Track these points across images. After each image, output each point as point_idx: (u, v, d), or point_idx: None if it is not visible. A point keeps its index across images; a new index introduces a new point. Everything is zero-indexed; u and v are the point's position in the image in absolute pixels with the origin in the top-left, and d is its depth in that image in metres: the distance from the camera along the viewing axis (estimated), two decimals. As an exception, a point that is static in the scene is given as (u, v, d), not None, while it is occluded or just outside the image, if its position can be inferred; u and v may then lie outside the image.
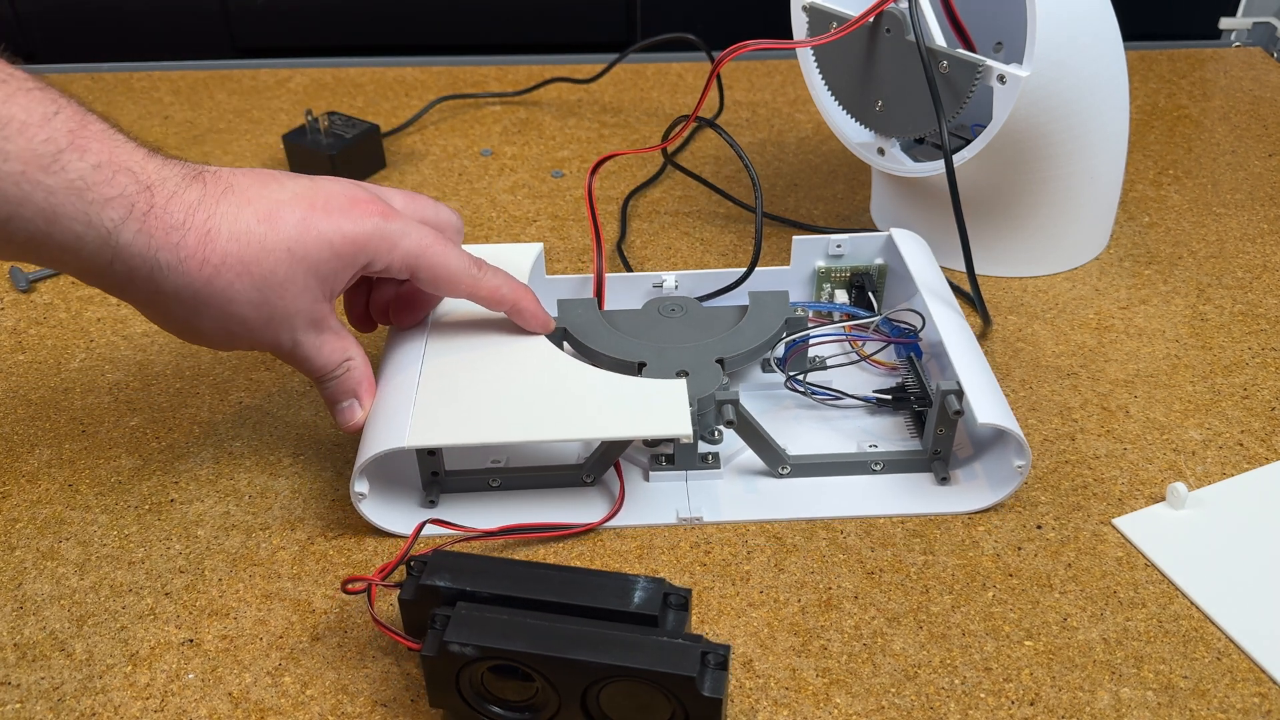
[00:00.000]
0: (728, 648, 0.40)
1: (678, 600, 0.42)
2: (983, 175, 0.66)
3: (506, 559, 0.46)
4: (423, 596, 0.44)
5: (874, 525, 0.53)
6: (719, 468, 0.56)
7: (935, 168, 0.66)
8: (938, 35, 0.63)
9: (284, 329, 0.48)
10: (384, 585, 0.45)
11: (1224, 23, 1.06)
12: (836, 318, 0.65)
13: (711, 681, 0.39)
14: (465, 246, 0.63)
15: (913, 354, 0.61)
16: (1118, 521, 0.53)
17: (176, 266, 0.44)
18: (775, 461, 0.55)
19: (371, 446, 0.50)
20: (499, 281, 0.52)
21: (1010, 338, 0.66)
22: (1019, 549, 0.52)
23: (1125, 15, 0.68)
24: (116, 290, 0.45)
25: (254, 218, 0.46)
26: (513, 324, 0.56)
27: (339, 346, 0.51)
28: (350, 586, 0.46)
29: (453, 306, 0.58)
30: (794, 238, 0.64)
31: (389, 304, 0.56)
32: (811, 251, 0.64)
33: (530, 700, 0.42)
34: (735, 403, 0.52)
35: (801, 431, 0.58)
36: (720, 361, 0.55)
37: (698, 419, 0.52)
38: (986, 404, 0.51)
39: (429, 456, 0.53)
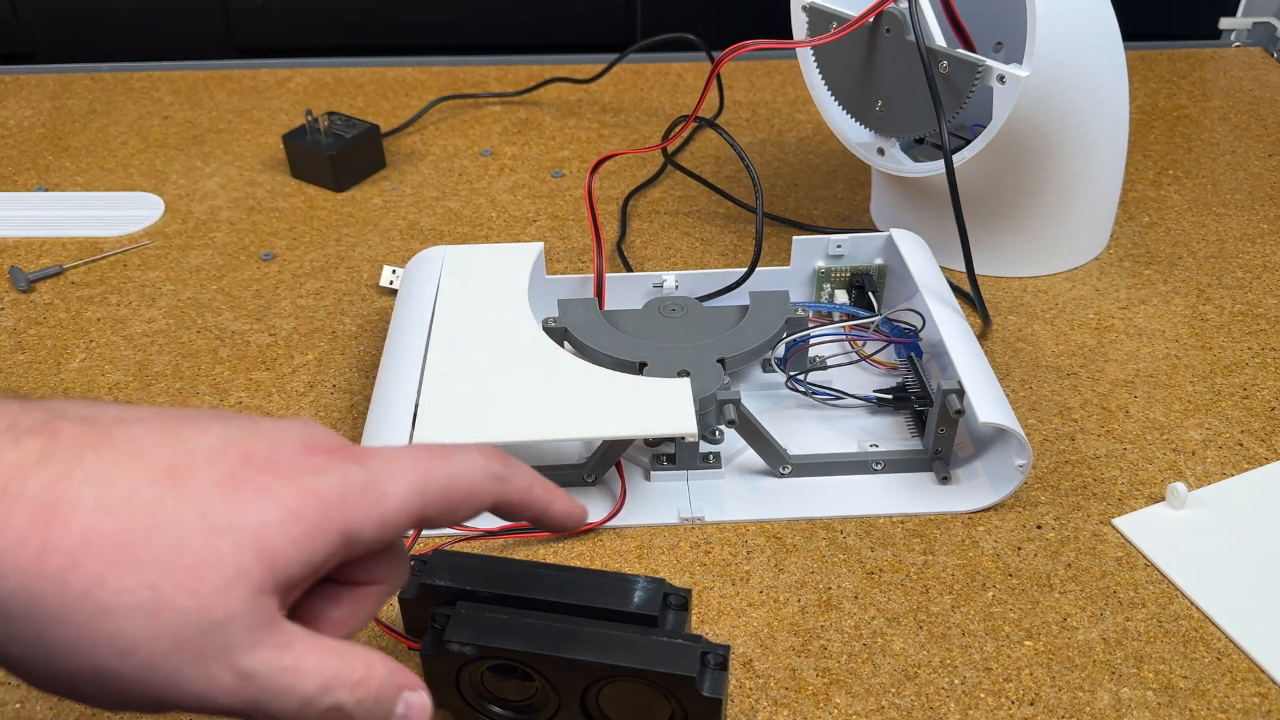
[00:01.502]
0: (727, 648, 0.40)
1: (677, 600, 0.42)
2: (983, 175, 0.66)
3: (507, 559, 0.46)
4: (423, 596, 0.44)
5: (874, 525, 0.53)
6: (720, 467, 0.56)
7: (935, 168, 0.66)
8: (938, 35, 0.63)
9: (211, 655, 0.27)
10: None
11: (1224, 23, 1.06)
12: (837, 318, 0.65)
13: (711, 682, 0.39)
14: (463, 247, 0.63)
15: (913, 354, 0.61)
16: (1118, 521, 0.53)
17: (45, 577, 0.26)
18: (776, 461, 0.55)
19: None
20: (529, 477, 0.35)
21: (1010, 338, 0.66)
22: (1019, 549, 0.52)
23: (1125, 15, 0.68)
24: None
25: (144, 476, 0.28)
26: (513, 323, 0.56)
27: (332, 659, 0.29)
28: None
29: (453, 305, 0.58)
30: (794, 238, 0.64)
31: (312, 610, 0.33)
32: (811, 251, 0.64)
33: (530, 700, 0.42)
34: (737, 402, 0.52)
35: (802, 431, 0.58)
36: (721, 361, 0.55)
37: (699, 418, 0.52)
38: (987, 403, 0.51)
39: (429, 456, 0.53)
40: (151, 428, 0.29)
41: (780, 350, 0.60)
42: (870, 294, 0.64)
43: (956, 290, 0.65)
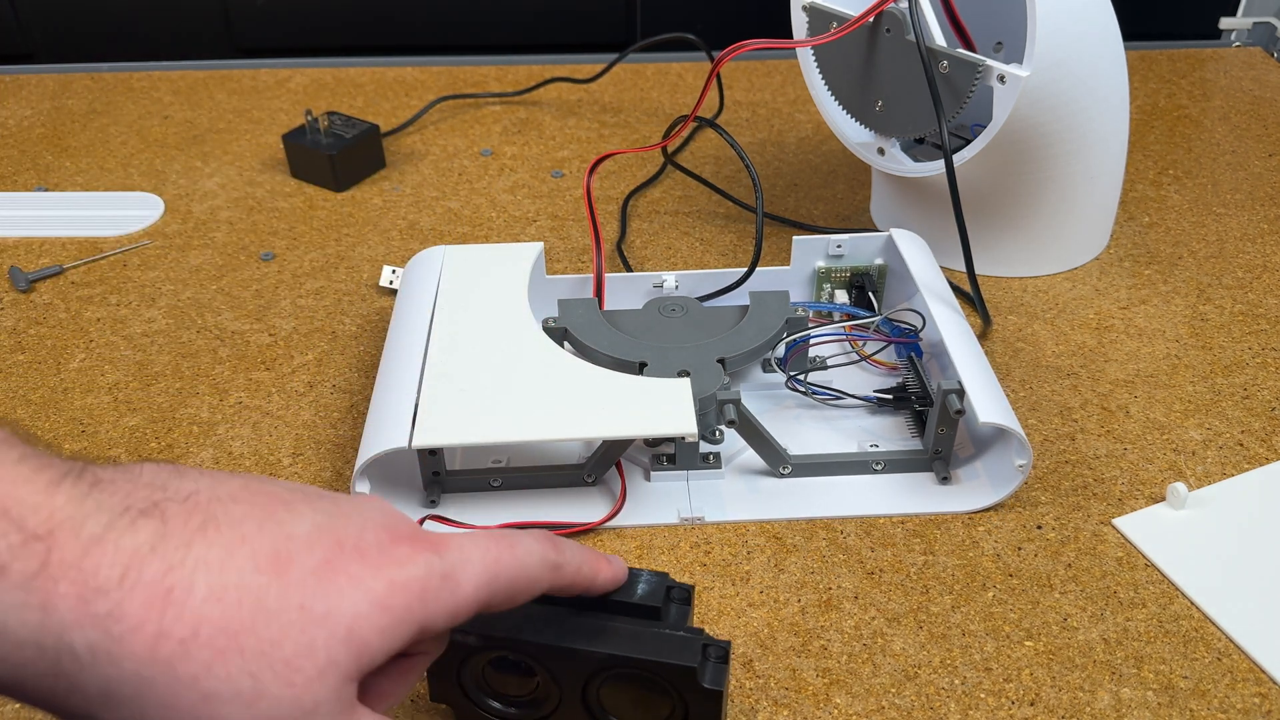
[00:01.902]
0: (729, 643, 0.40)
1: (680, 594, 0.42)
2: (983, 175, 0.66)
3: None
4: None
5: (874, 525, 0.53)
6: (720, 467, 0.56)
7: (935, 168, 0.66)
8: (938, 35, 0.63)
9: None
10: None
11: (1224, 23, 1.06)
12: (837, 318, 0.65)
13: (712, 674, 0.39)
14: (463, 247, 0.63)
15: (913, 354, 0.61)
16: (1118, 521, 0.53)
17: (107, 650, 0.28)
18: (776, 461, 0.55)
19: (372, 446, 0.50)
20: (578, 558, 0.38)
21: (1010, 338, 0.66)
22: (1019, 549, 0.52)
23: (1125, 15, 0.68)
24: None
25: (249, 563, 0.29)
26: (513, 323, 0.56)
27: None
28: None
29: (453, 305, 0.58)
30: (794, 238, 0.64)
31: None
32: (812, 251, 0.64)
33: (531, 694, 0.42)
34: (737, 402, 0.52)
35: (802, 431, 0.58)
36: (721, 361, 0.55)
37: (699, 418, 0.52)
38: (988, 403, 0.51)
39: (430, 456, 0.53)
40: (249, 509, 0.31)
41: (780, 350, 0.60)
42: (870, 294, 0.64)
43: (956, 290, 0.65)
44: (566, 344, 0.58)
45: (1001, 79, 0.61)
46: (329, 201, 0.82)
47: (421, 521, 0.49)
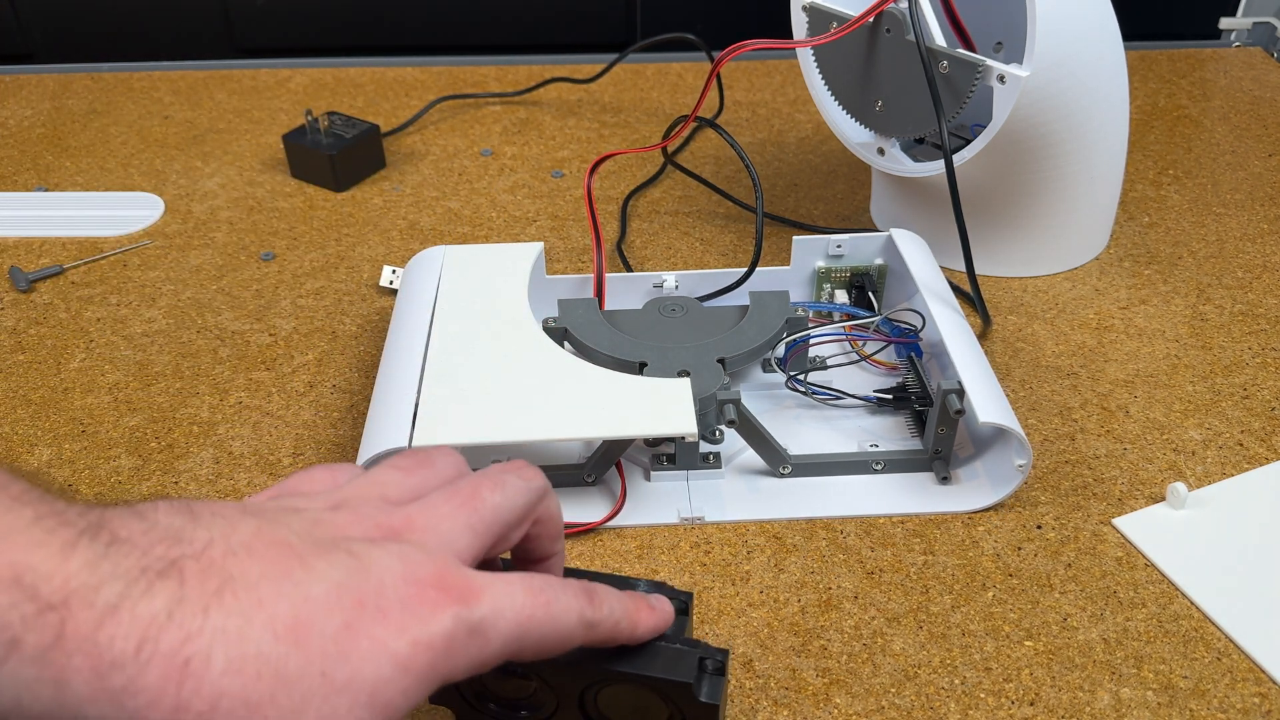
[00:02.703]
0: (726, 652, 0.40)
1: (678, 604, 0.42)
2: (983, 175, 0.66)
3: (507, 560, 0.46)
4: None
5: (874, 525, 0.53)
6: (720, 467, 0.56)
7: (935, 168, 0.66)
8: (938, 35, 0.63)
9: None
10: None
11: (1224, 23, 1.06)
12: (837, 318, 0.65)
13: (709, 687, 0.39)
14: (463, 247, 0.63)
15: (913, 354, 0.61)
16: (1118, 521, 0.53)
17: None
18: (776, 461, 0.55)
19: (372, 446, 0.50)
20: (616, 614, 0.37)
21: (1010, 338, 0.66)
22: (1019, 549, 0.52)
23: (1125, 15, 0.68)
24: None
25: (268, 632, 0.28)
26: (513, 323, 0.56)
27: None
28: None
29: (453, 305, 0.58)
30: (794, 238, 0.64)
31: None
32: (812, 251, 0.64)
33: (528, 699, 0.42)
34: (737, 402, 0.52)
35: (802, 431, 0.58)
36: (721, 361, 0.55)
37: (699, 418, 0.52)
38: (988, 403, 0.51)
39: (429, 456, 0.53)
40: (265, 567, 0.29)
41: (780, 350, 0.60)
42: (870, 294, 0.64)
43: (956, 290, 0.65)
44: (566, 344, 0.58)
45: (1001, 79, 0.61)
46: (329, 201, 0.82)
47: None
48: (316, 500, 0.34)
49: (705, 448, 0.56)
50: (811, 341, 0.60)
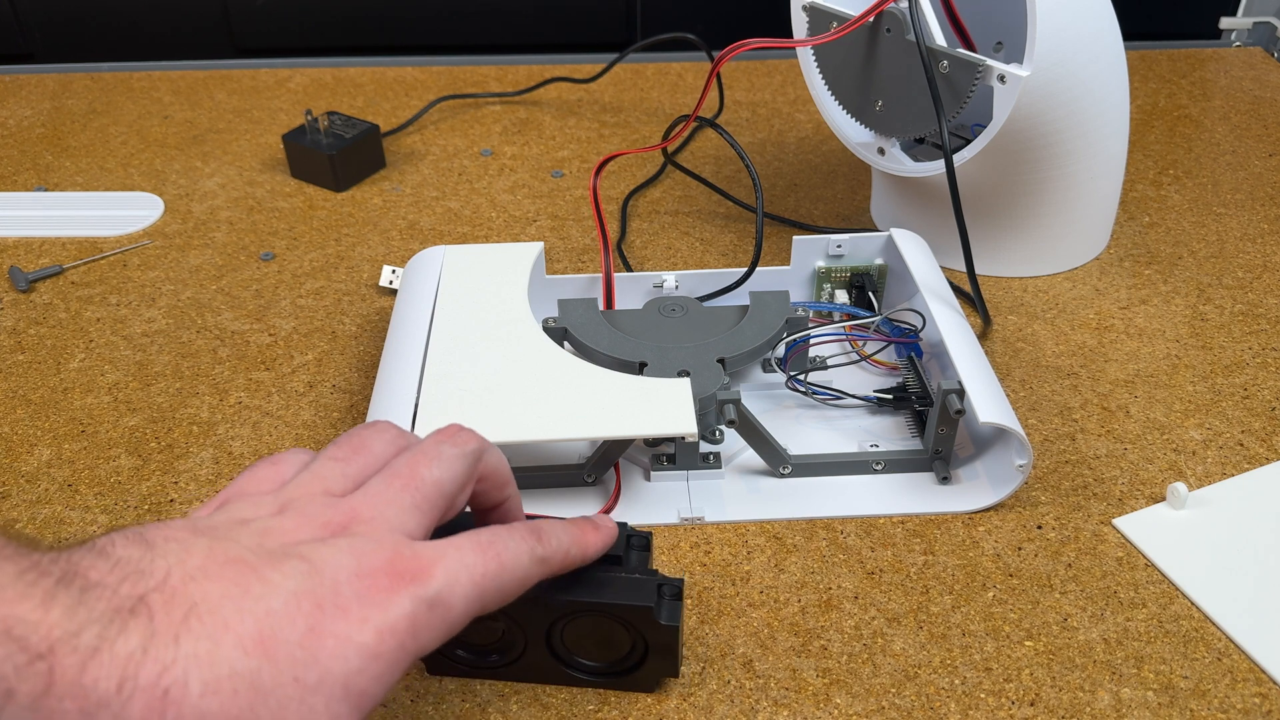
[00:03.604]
0: (681, 580, 0.42)
1: (639, 542, 0.44)
2: (983, 175, 0.66)
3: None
4: None
5: (874, 525, 0.53)
6: (720, 467, 0.56)
7: (935, 168, 0.66)
8: (938, 35, 0.63)
9: None
10: None
11: (1224, 23, 1.06)
12: (837, 318, 0.65)
13: (668, 610, 0.42)
14: (464, 247, 0.63)
15: (913, 354, 0.61)
16: (1118, 521, 0.53)
17: None
18: (776, 461, 0.55)
19: (372, 446, 0.50)
20: (564, 543, 0.39)
21: (1010, 338, 0.66)
22: (1019, 549, 0.52)
23: (1125, 15, 0.68)
24: None
25: (238, 650, 0.30)
26: (513, 323, 0.56)
27: None
28: None
29: (453, 304, 0.58)
30: (794, 238, 0.64)
31: None
32: (812, 251, 0.64)
33: (497, 642, 0.44)
34: (737, 402, 0.52)
35: (802, 431, 0.58)
36: (721, 361, 0.55)
37: (699, 418, 0.52)
38: (988, 403, 0.51)
39: (429, 456, 0.53)
40: (225, 587, 0.31)
41: (780, 350, 0.60)
42: (870, 294, 0.64)
43: (956, 290, 0.65)
44: (566, 344, 0.58)
45: (1001, 79, 0.61)
46: (329, 201, 0.82)
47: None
48: (263, 505, 0.35)
49: (705, 448, 0.56)
50: (811, 341, 0.60)
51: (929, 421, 0.54)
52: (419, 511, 0.35)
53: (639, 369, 0.55)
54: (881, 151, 0.70)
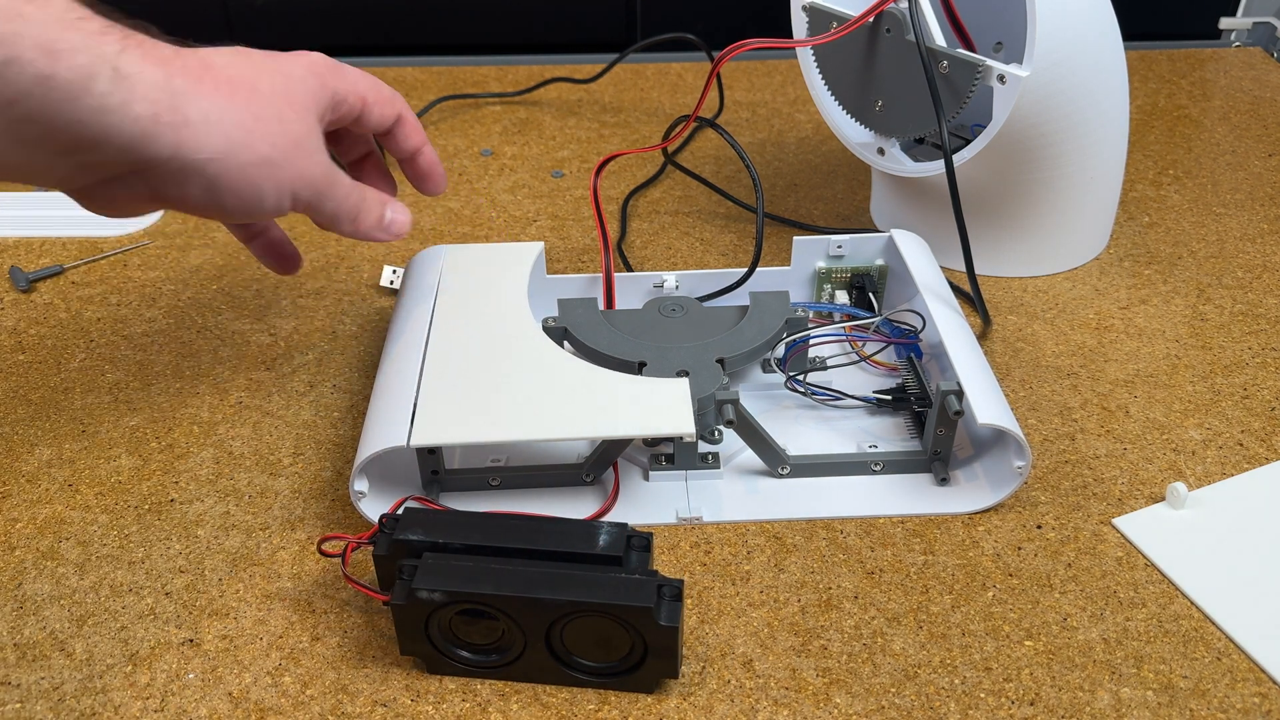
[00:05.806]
0: (681, 581, 0.43)
1: (639, 543, 0.44)
2: (983, 175, 0.66)
3: (476, 512, 0.47)
4: (396, 552, 0.45)
5: (874, 525, 0.53)
6: (719, 467, 0.56)
7: (935, 168, 0.66)
8: (938, 35, 0.63)
9: (314, 149, 0.46)
10: (363, 543, 0.46)
11: (1224, 23, 1.06)
12: (837, 318, 0.65)
13: (667, 611, 0.42)
14: (464, 247, 0.64)
15: (913, 354, 0.61)
16: (1118, 521, 0.53)
17: (195, 90, 0.41)
18: (775, 461, 0.55)
19: (371, 445, 0.50)
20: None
21: (1010, 338, 0.66)
22: (1019, 549, 0.52)
23: (1125, 15, 0.68)
24: (137, 161, 0.41)
25: (243, 59, 0.45)
26: (513, 323, 0.56)
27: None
28: (326, 547, 0.48)
29: (453, 304, 0.58)
30: (794, 238, 0.64)
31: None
32: (812, 252, 0.64)
33: (497, 641, 0.44)
34: (735, 402, 0.52)
35: (801, 432, 0.58)
36: (720, 361, 0.55)
37: (698, 419, 0.52)
38: (987, 404, 0.51)
39: (429, 455, 0.53)
40: (230, 60, 0.45)
41: (780, 350, 0.60)
42: (870, 294, 0.64)
43: (956, 290, 0.65)
44: (566, 344, 0.58)
45: (1001, 79, 0.61)
46: (329, 201, 0.81)
47: (404, 499, 0.50)
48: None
49: (704, 448, 0.56)
50: (811, 342, 0.60)
51: (928, 422, 0.54)
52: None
53: (638, 369, 0.55)
54: (881, 152, 0.70)
